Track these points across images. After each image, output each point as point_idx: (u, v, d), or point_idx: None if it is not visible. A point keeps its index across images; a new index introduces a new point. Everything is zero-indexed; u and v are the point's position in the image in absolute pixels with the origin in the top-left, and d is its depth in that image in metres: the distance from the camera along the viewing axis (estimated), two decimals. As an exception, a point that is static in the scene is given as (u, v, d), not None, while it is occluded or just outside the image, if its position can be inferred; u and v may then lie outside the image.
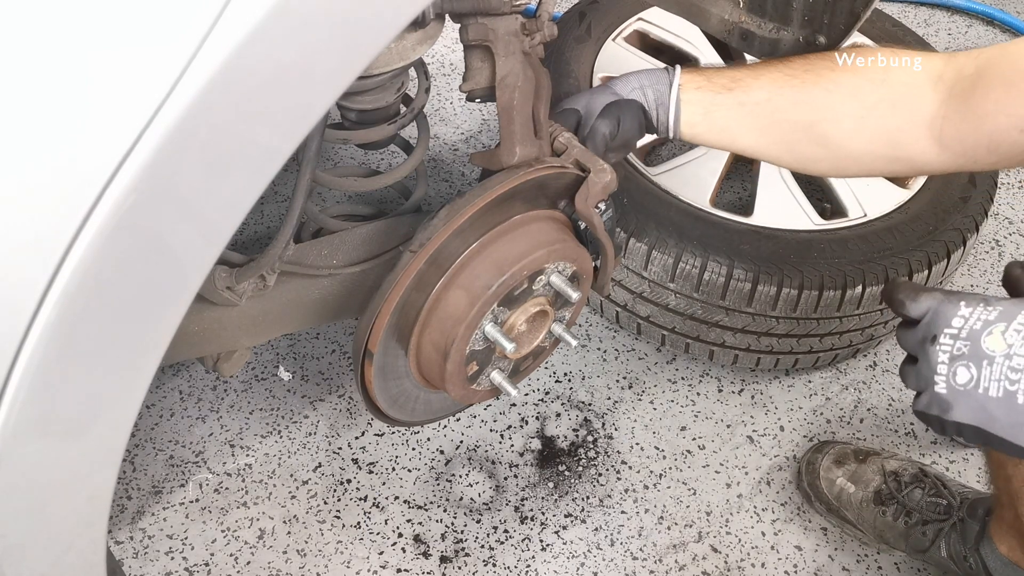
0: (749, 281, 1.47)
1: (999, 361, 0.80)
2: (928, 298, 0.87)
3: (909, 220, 1.59)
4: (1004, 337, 0.80)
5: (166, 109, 0.57)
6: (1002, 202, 2.09)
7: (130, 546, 1.45)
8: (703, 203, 1.62)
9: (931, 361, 0.84)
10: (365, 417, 1.64)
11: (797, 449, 1.64)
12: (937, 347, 0.84)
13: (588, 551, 1.50)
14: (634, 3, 1.92)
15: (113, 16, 0.57)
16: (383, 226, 1.18)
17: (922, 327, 0.87)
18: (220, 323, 1.07)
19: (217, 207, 0.66)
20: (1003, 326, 0.80)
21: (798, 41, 1.21)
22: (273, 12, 0.58)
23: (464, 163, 2.09)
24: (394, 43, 0.99)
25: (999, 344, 0.80)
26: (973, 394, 0.81)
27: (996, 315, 0.81)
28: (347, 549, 1.48)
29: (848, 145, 1.09)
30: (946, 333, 0.83)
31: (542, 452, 1.61)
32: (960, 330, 0.83)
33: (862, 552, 1.52)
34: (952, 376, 0.83)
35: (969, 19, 2.60)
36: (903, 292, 0.89)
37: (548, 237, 1.07)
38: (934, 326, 0.85)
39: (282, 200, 1.94)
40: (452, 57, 2.35)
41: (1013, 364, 0.79)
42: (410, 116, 1.16)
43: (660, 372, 1.74)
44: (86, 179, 0.58)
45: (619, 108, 1.12)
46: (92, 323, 0.64)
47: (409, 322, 1.05)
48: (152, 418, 1.61)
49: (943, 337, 0.84)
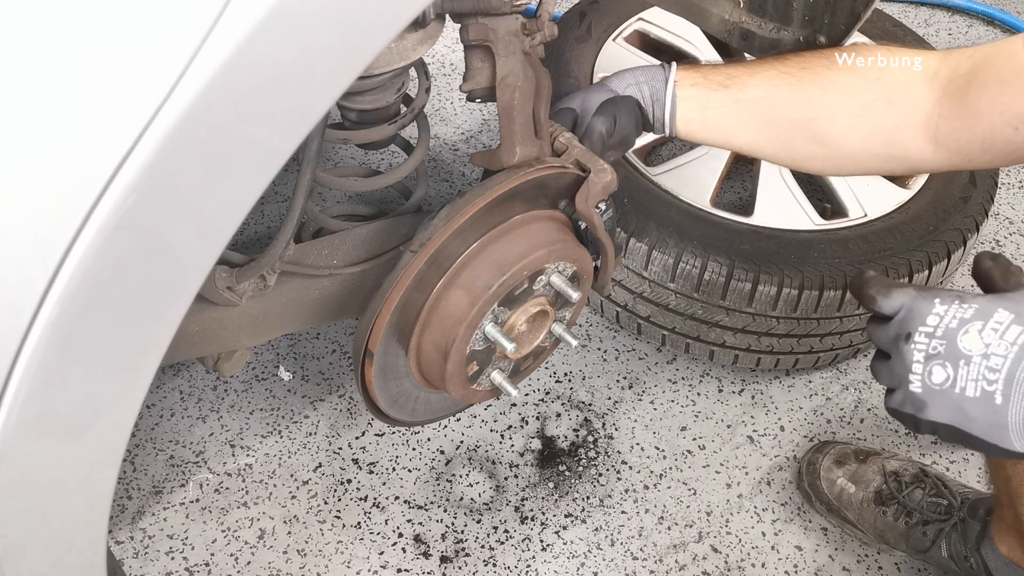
0: (749, 281, 1.47)
1: (976, 361, 0.79)
2: (901, 294, 0.85)
3: (909, 220, 1.59)
4: (981, 336, 0.79)
5: (166, 109, 0.57)
6: (1002, 202, 2.09)
7: (130, 546, 1.45)
8: (703, 203, 1.62)
9: (905, 359, 0.83)
10: (365, 417, 1.64)
11: (797, 449, 1.64)
12: (912, 345, 0.83)
13: (588, 551, 1.50)
14: (634, 3, 1.93)
15: (114, 16, 0.57)
16: (383, 226, 1.18)
17: (895, 324, 0.85)
18: (220, 323, 1.07)
19: (217, 207, 0.66)
20: (980, 324, 0.79)
21: (798, 41, 1.21)
22: (273, 12, 0.58)
23: (464, 163, 2.09)
24: (394, 43, 0.99)
25: (976, 343, 0.79)
26: (949, 394, 0.81)
27: (972, 313, 0.80)
28: (347, 549, 1.48)
29: (844, 143, 1.08)
30: (921, 331, 0.82)
31: (542, 452, 1.61)
32: (936, 328, 0.82)
33: (862, 552, 1.52)
34: (927, 375, 0.82)
35: (969, 19, 2.60)
36: (874, 287, 0.87)
37: (548, 237, 1.07)
38: (908, 323, 0.84)
39: (282, 200, 1.94)
40: (452, 57, 2.35)
41: (991, 364, 0.78)
42: (410, 116, 1.16)
43: (660, 372, 1.74)
44: (86, 179, 0.58)
45: (615, 105, 1.11)
46: (92, 323, 0.64)
47: (409, 322, 1.05)
48: (152, 418, 1.61)
49: (918, 335, 0.82)
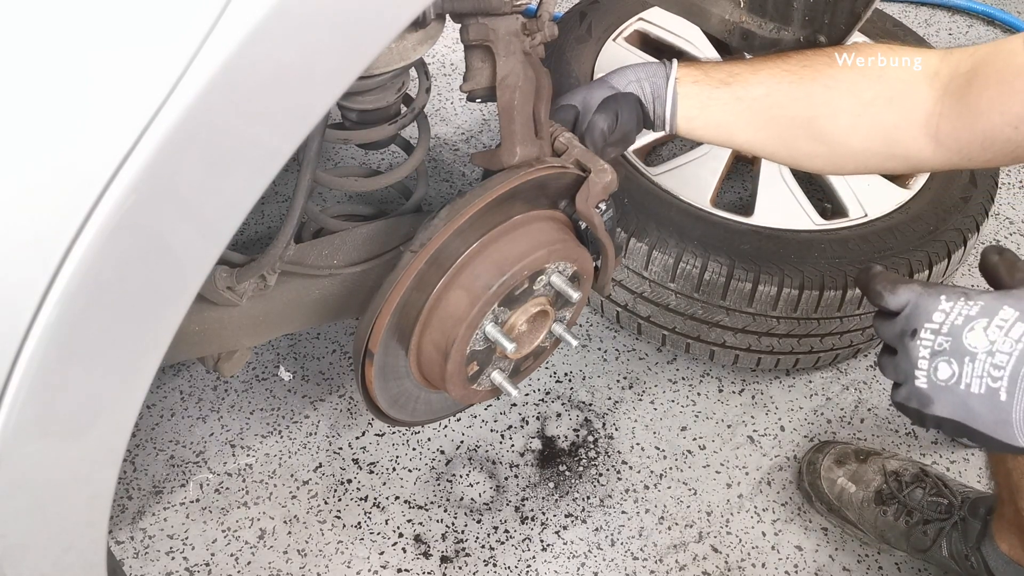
0: (750, 281, 1.47)
1: (981, 358, 0.79)
2: (907, 290, 0.86)
3: (910, 220, 1.59)
4: (986, 333, 0.79)
5: (167, 109, 0.57)
6: (1003, 202, 2.09)
7: (131, 546, 1.46)
8: (704, 203, 1.62)
9: (911, 356, 0.84)
10: (366, 417, 1.64)
11: (798, 449, 1.64)
12: (917, 342, 0.83)
13: (589, 551, 1.50)
14: (635, 3, 1.93)
15: (114, 16, 0.57)
16: (384, 226, 1.18)
17: (901, 320, 0.86)
18: (221, 323, 1.07)
19: (218, 207, 0.66)
20: (985, 322, 0.80)
21: (799, 41, 1.21)
22: (273, 12, 0.58)
23: (465, 163, 2.09)
24: (394, 43, 0.99)
25: (981, 340, 0.80)
26: (955, 390, 0.81)
27: (977, 310, 0.81)
28: (348, 549, 1.48)
29: (845, 142, 1.08)
30: (927, 328, 0.83)
31: (543, 452, 1.61)
32: (941, 325, 0.82)
33: (863, 552, 1.52)
34: (933, 372, 0.82)
35: (970, 19, 2.60)
36: (880, 283, 0.88)
37: (549, 237, 1.07)
38: (914, 320, 0.84)
39: (283, 200, 1.94)
40: (453, 57, 2.35)
41: (995, 361, 0.79)
42: (411, 116, 1.16)
43: (661, 372, 1.74)
44: (87, 179, 0.58)
45: (616, 102, 1.11)
46: (93, 323, 0.64)
47: (410, 322, 1.05)
48: (153, 418, 1.61)
49: (923, 332, 0.83)
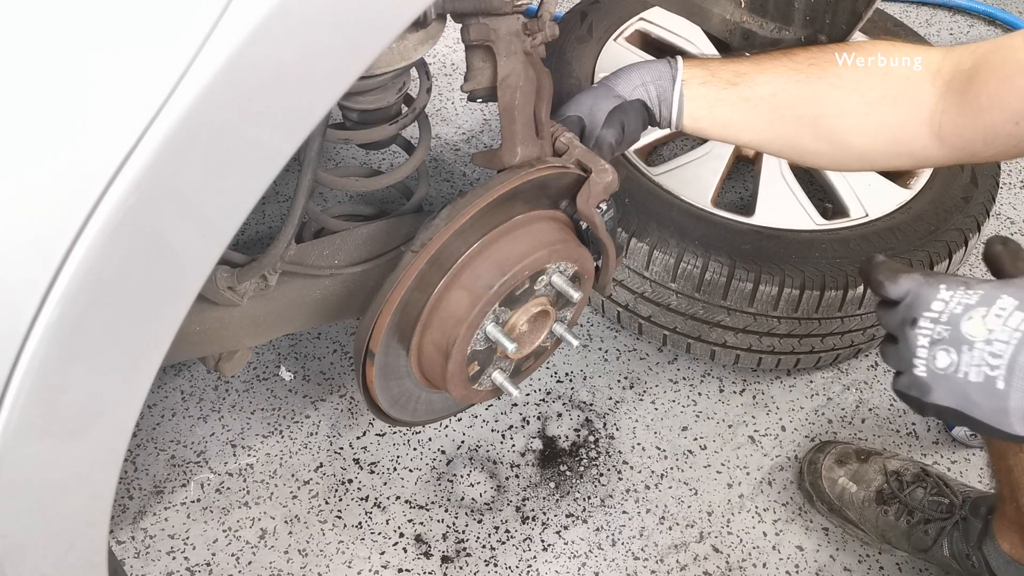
0: (751, 281, 1.47)
1: (979, 346, 0.80)
2: (908, 280, 0.86)
3: (911, 220, 1.59)
4: (984, 322, 0.80)
5: (168, 109, 0.57)
6: (1004, 202, 2.09)
7: (132, 546, 1.46)
8: (704, 203, 1.62)
9: (911, 344, 0.84)
10: (366, 417, 1.64)
11: (799, 449, 1.64)
12: (917, 330, 0.84)
13: (589, 551, 1.50)
14: (636, 3, 1.93)
15: (115, 16, 0.57)
16: (384, 226, 1.18)
17: (902, 309, 0.86)
18: (222, 323, 1.07)
19: (218, 207, 0.66)
20: (983, 311, 0.80)
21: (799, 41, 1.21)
22: (274, 12, 0.58)
23: (465, 163, 2.09)
24: (395, 43, 0.99)
25: (979, 329, 0.80)
26: (953, 378, 0.81)
27: (977, 299, 0.81)
28: (348, 549, 1.48)
29: (851, 140, 1.09)
30: (926, 317, 0.83)
31: (543, 452, 1.61)
32: (940, 314, 0.82)
33: (864, 552, 1.52)
34: (932, 360, 0.83)
35: (971, 19, 2.60)
36: (882, 272, 0.88)
37: (549, 237, 1.07)
38: (914, 309, 0.84)
39: (283, 200, 1.94)
40: (453, 57, 2.35)
41: (993, 350, 0.79)
42: (411, 116, 1.16)
43: (661, 372, 1.74)
44: (88, 179, 0.58)
45: (623, 112, 1.11)
46: (94, 323, 0.64)
47: (411, 322, 1.05)
48: (154, 418, 1.61)
49: (923, 321, 0.83)
